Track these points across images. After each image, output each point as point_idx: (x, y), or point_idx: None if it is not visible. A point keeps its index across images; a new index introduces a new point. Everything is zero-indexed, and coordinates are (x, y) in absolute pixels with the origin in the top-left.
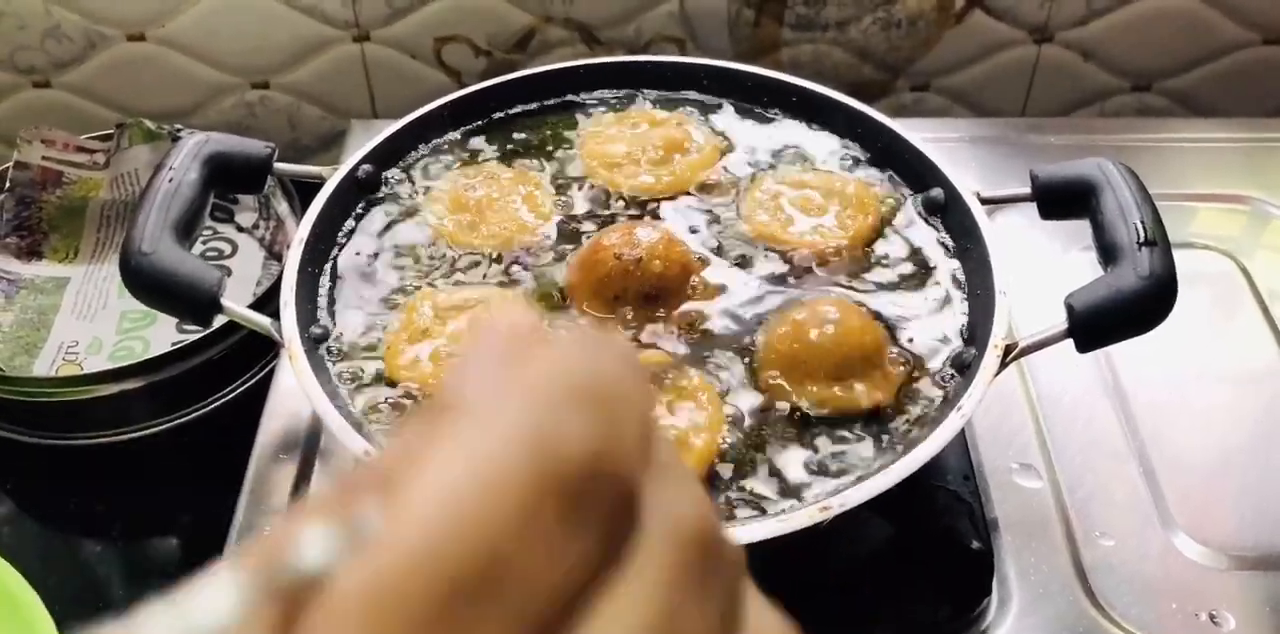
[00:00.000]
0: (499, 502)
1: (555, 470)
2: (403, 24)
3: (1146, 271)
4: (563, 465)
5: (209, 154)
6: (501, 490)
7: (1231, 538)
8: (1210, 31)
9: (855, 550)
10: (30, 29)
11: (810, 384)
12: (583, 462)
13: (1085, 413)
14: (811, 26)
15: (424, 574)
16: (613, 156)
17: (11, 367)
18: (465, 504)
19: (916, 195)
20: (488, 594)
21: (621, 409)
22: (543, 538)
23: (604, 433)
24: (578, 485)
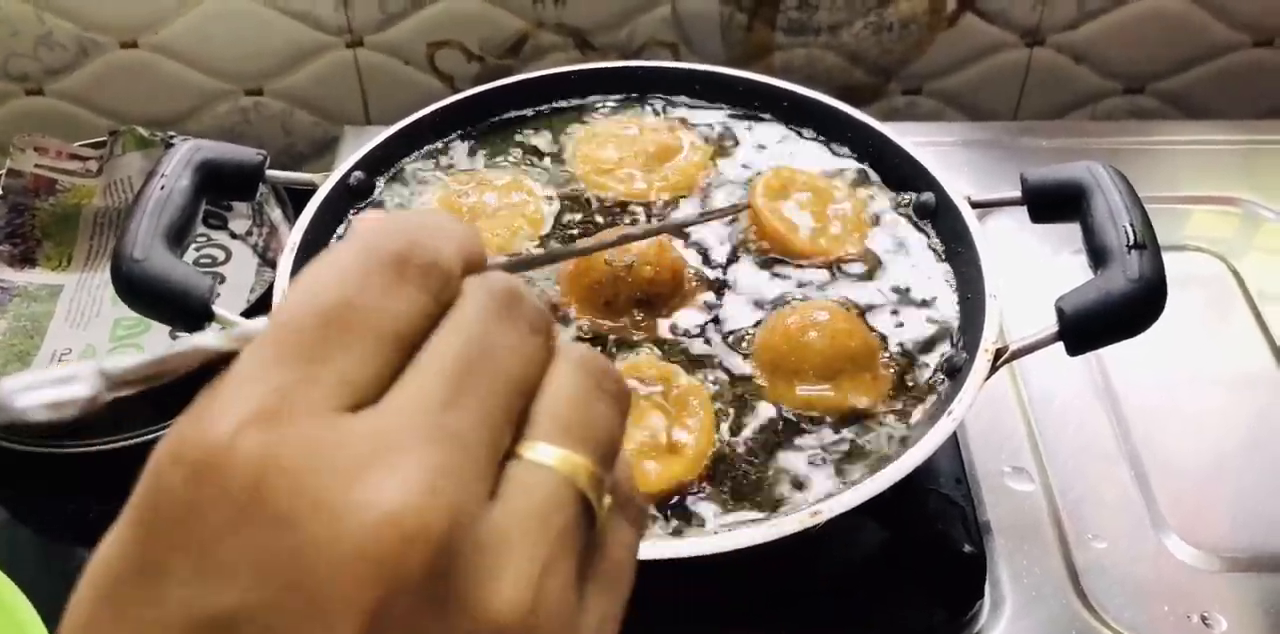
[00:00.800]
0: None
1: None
2: (396, 30)
3: (1136, 274)
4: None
5: (200, 161)
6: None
7: (1223, 540)
8: (1201, 34)
9: (848, 554)
10: (23, 36)
11: (799, 385)
12: (396, 248)
13: (1077, 416)
14: (804, 31)
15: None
16: (605, 162)
17: (5, 374)
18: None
19: (907, 199)
20: (345, 323)
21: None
22: (377, 288)
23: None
24: (394, 259)
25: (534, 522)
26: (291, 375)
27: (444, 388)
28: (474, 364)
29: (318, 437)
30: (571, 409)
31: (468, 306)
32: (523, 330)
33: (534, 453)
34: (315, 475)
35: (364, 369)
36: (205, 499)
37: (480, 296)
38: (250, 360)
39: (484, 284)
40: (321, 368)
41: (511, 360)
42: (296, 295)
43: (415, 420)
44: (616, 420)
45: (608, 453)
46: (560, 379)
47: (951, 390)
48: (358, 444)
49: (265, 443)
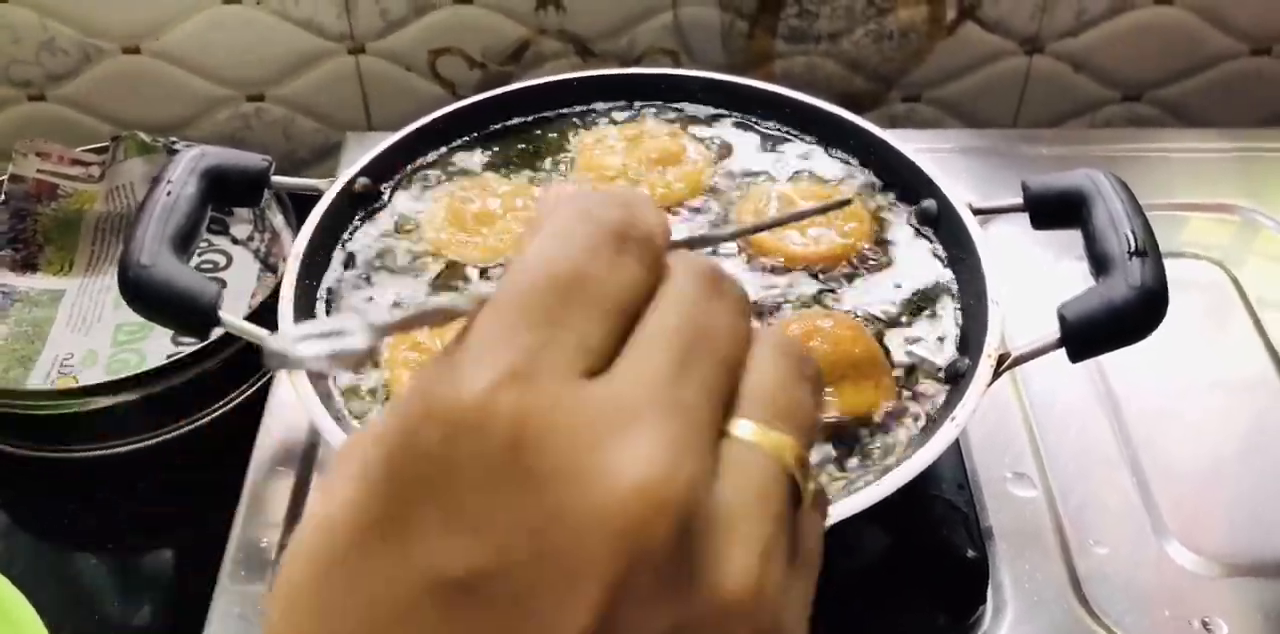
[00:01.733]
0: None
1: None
2: (397, 36)
3: (1138, 282)
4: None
5: (206, 167)
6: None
7: (1224, 545)
8: (1199, 42)
9: (849, 560)
10: (25, 42)
11: None
12: (618, 221)
13: (1078, 422)
14: (804, 38)
15: (538, 280)
16: (608, 169)
17: (6, 379)
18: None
19: (909, 205)
20: (580, 291)
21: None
22: (603, 261)
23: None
24: (617, 233)
25: (756, 502)
26: (536, 338)
27: (671, 361)
28: (694, 340)
29: (567, 400)
30: (779, 390)
31: (681, 283)
32: (731, 310)
33: (747, 432)
34: (567, 439)
35: (598, 337)
36: (462, 456)
37: (691, 274)
38: (492, 321)
39: (692, 263)
40: (562, 332)
41: (725, 338)
42: (531, 263)
43: (651, 391)
44: (816, 404)
45: (810, 436)
46: (765, 360)
47: (954, 397)
48: (602, 410)
49: (520, 403)
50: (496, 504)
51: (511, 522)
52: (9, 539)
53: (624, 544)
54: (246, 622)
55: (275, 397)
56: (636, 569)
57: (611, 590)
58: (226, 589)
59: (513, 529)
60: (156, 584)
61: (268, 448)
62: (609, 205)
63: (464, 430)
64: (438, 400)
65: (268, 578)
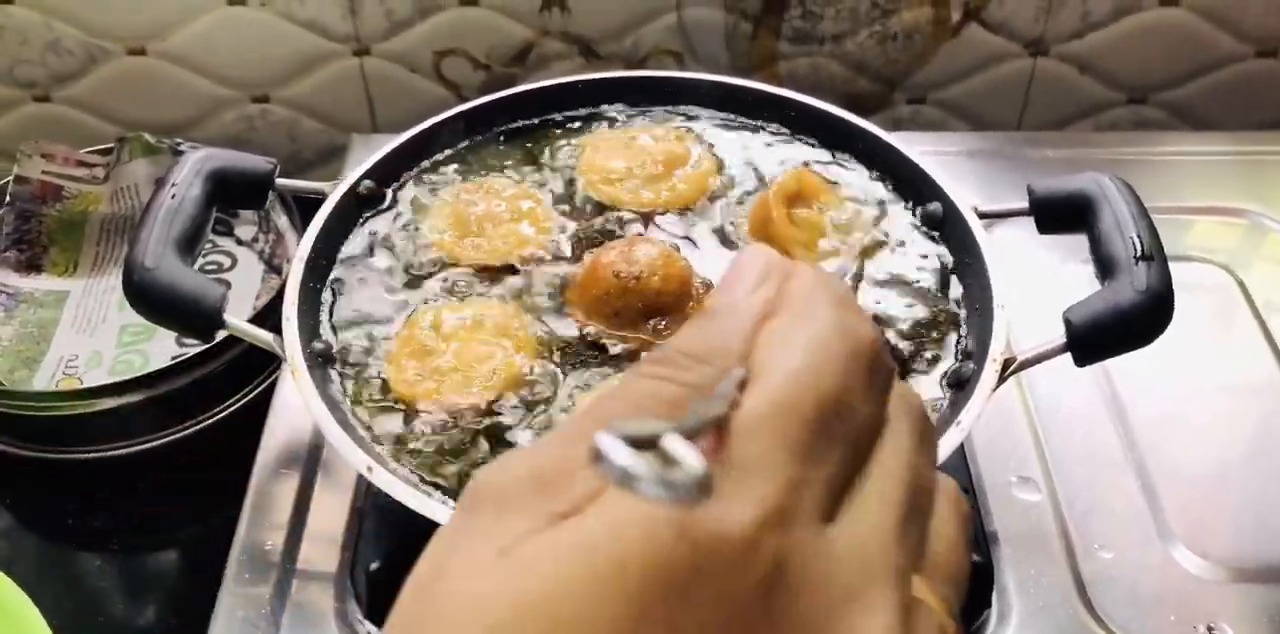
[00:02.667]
0: (834, 363)
1: (858, 348)
2: (402, 38)
3: (1144, 286)
4: (862, 345)
5: (211, 170)
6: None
7: (1230, 550)
8: (1205, 44)
9: None
10: (31, 43)
11: None
12: (873, 343)
13: (1083, 426)
14: (808, 40)
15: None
16: (613, 171)
17: (11, 380)
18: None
19: (914, 209)
20: (837, 420)
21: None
22: (859, 390)
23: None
24: (871, 358)
25: None
26: (799, 471)
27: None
28: (913, 497)
29: (816, 548)
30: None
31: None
32: (934, 460)
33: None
34: (815, 592)
35: (842, 472)
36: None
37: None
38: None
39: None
40: (818, 470)
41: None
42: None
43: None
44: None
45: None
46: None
47: (959, 401)
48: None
49: (782, 546)
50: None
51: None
52: (13, 540)
53: None
54: (250, 624)
55: (279, 398)
56: None
57: None
58: (231, 591)
59: None
60: (160, 585)
61: (272, 450)
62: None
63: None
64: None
65: (271, 580)
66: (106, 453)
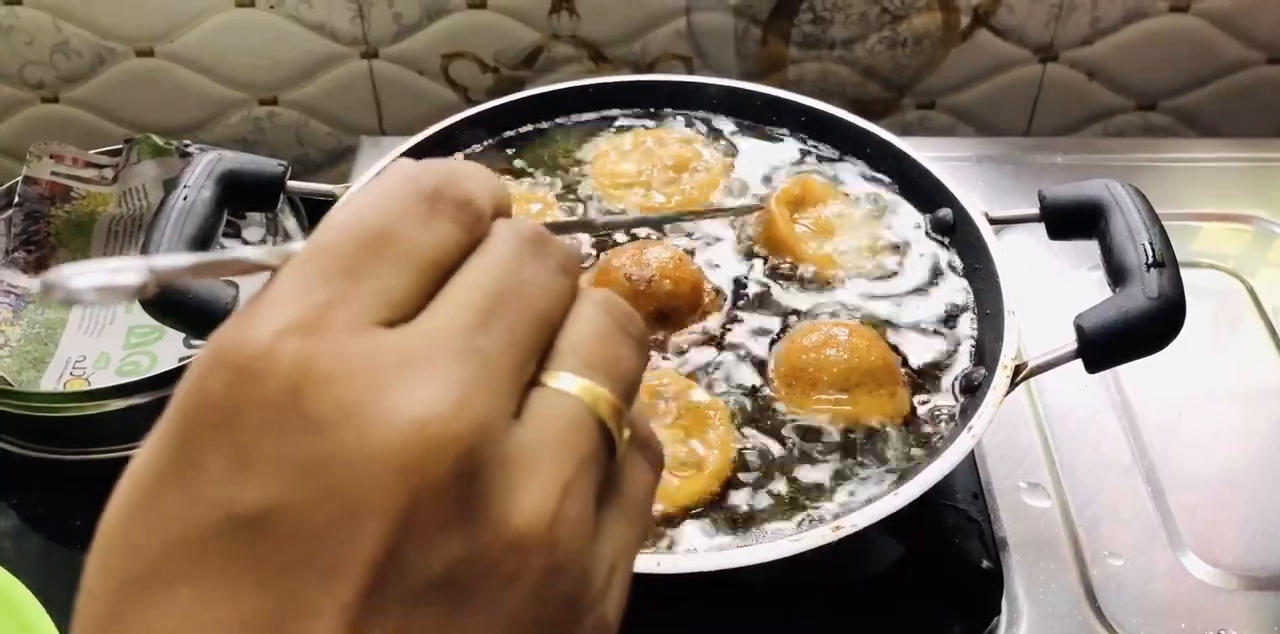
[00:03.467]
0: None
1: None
2: (410, 41)
3: (1155, 293)
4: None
5: (223, 172)
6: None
7: (1240, 558)
8: (1214, 51)
9: (864, 569)
10: (39, 44)
11: (816, 396)
12: (433, 183)
13: (1093, 432)
14: (818, 44)
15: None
16: (623, 175)
17: (19, 381)
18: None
19: (925, 215)
20: (385, 246)
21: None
22: (414, 219)
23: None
24: (431, 193)
25: (556, 443)
26: (331, 290)
27: (474, 313)
28: (503, 294)
29: (353, 347)
30: (594, 343)
31: (498, 242)
32: (550, 268)
33: (557, 381)
34: (349, 383)
35: (399, 290)
36: (244, 401)
37: (510, 235)
38: (291, 275)
39: (513, 225)
40: (359, 285)
41: (538, 294)
42: (337, 220)
43: (446, 339)
44: (637, 360)
45: (628, 388)
46: (585, 316)
47: (970, 407)
48: (391, 356)
49: (304, 350)
50: (278, 447)
51: (294, 462)
52: (20, 541)
53: (404, 480)
54: None
55: None
56: (419, 504)
57: (394, 525)
58: None
59: (294, 470)
60: None
61: None
62: (429, 170)
63: (246, 375)
64: (224, 347)
65: None
66: (114, 454)
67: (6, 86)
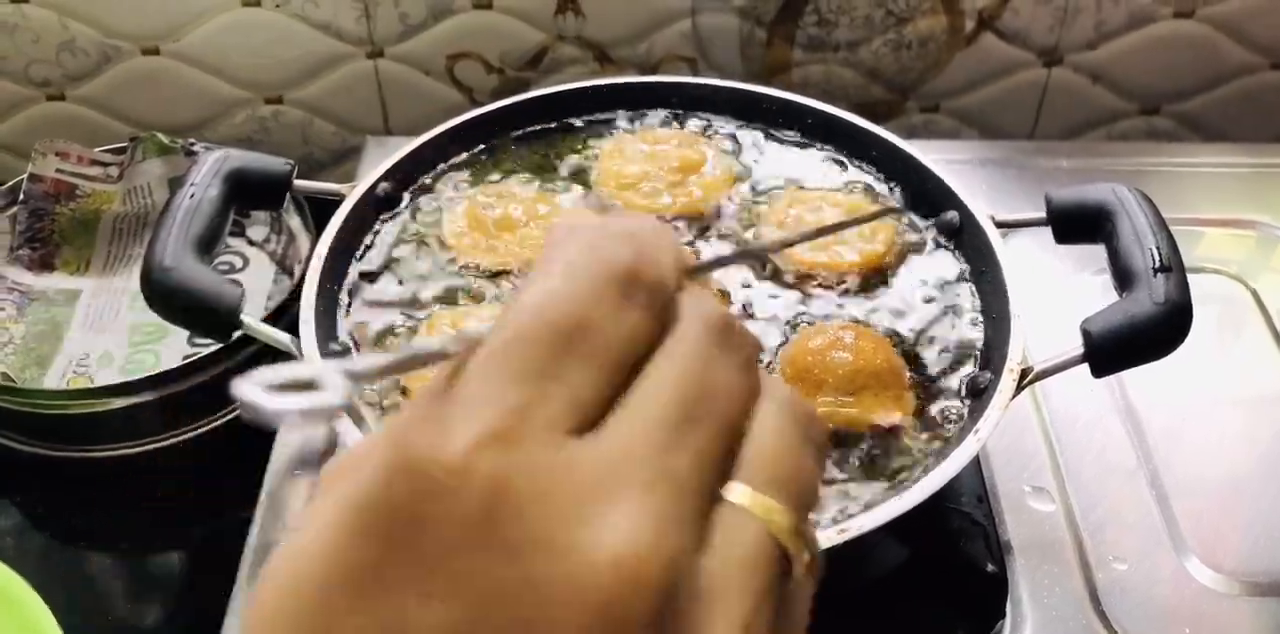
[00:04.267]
0: (575, 288)
1: (609, 269)
2: (416, 41)
3: (1162, 298)
4: (614, 265)
5: (230, 170)
6: (576, 282)
7: (1243, 563)
8: (1218, 56)
9: (867, 573)
10: (45, 42)
11: (821, 398)
12: (628, 263)
13: (1098, 435)
14: (822, 47)
15: (536, 328)
16: (628, 176)
17: (23, 379)
18: (554, 290)
19: (931, 218)
20: (579, 341)
21: (654, 244)
22: (608, 308)
23: (640, 250)
24: (627, 278)
25: (744, 573)
26: (525, 393)
27: (666, 423)
28: (694, 400)
29: (549, 464)
30: (780, 456)
31: (688, 335)
32: (738, 364)
33: (740, 498)
34: (545, 505)
35: (591, 392)
36: (437, 516)
37: (699, 325)
38: (482, 373)
39: (701, 311)
40: (553, 386)
41: (727, 397)
42: (529, 306)
43: (639, 457)
44: (818, 471)
45: (809, 504)
46: (770, 422)
47: (976, 410)
48: (586, 476)
49: (500, 465)
50: (470, 569)
51: (484, 588)
52: (23, 539)
53: (599, 617)
54: None
55: None
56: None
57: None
58: (245, 593)
59: (483, 594)
60: (170, 585)
61: (286, 450)
62: (620, 242)
63: (440, 491)
64: (416, 456)
65: None
66: (117, 452)
67: (12, 84)
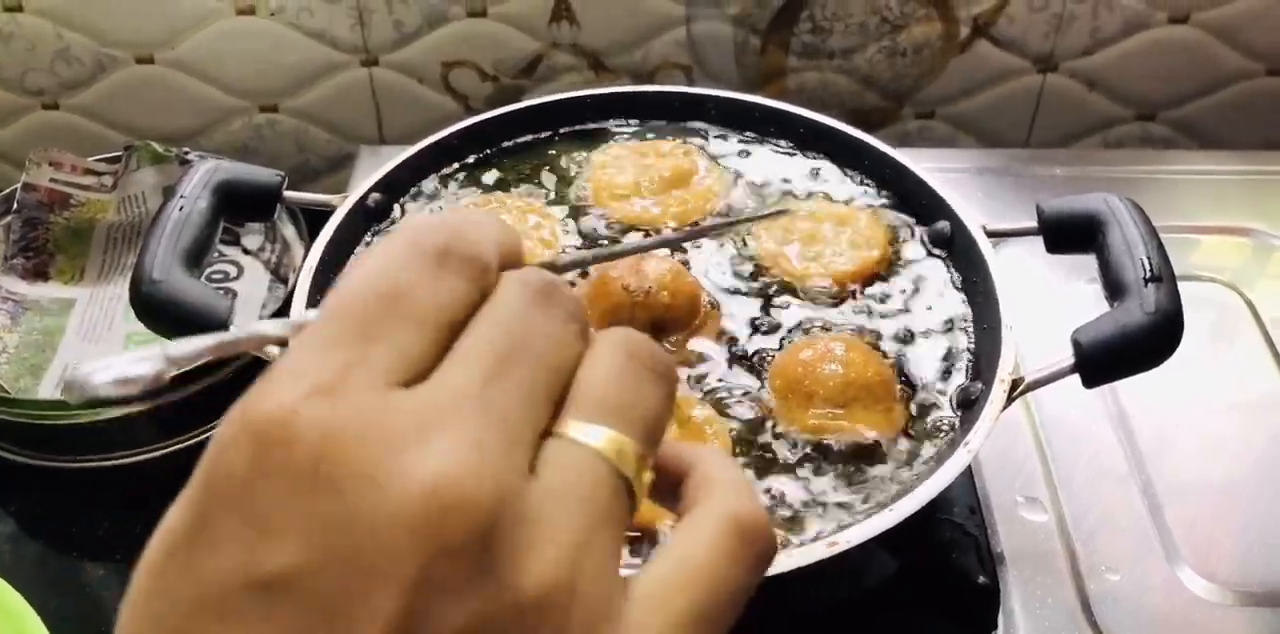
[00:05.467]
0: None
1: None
2: (410, 49)
3: (1153, 308)
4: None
5: (219, 182)
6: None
7: (1237, 574)
8: (1214, 62)
9: (858, 585)
10: (40, 51)
11: (812, 410)
12: (439, 241)
13: (1090, 445)
14: (817, 54)
15: (353, 298)
16: (620, 186)
17: (16, 388)
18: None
19: (923, 228)
20: (395, 308)
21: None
22: (422, 278)
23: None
24: (436, 251)
25: (570, 499)
26: (347, 353)
27: (485, 368)
28: (513, 347)
29: (371, 410)
30: (609, 387)
31: (505, 295)
32: (559, 317)
33: (572, 431)
34: (366, 447)
35: (414, 349)
36: (267, 468)
37: (516, 287)
38: (308, 341)
39: (520, 276)
40: (374, 347)
41: (548, 344)
42: (347, 284)
43: (459, 397)
44: (660, 397)
45: (650, 429)
46: (599, 359)
47: (967, 421)
48: (407, 418)
49: (324, 415)
50: (298, 512)
51: (313, 525)
52: (16, 549)
53: (419, 541)
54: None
55: None
56: (434, 565)
57: (411, 586)
58: None
59: (313, 534)
60: None
61: None
62: (435, 227)
63: (269, 442)
64: (247, 415)
65: None
66: (111, 462)
67: (7, 93)
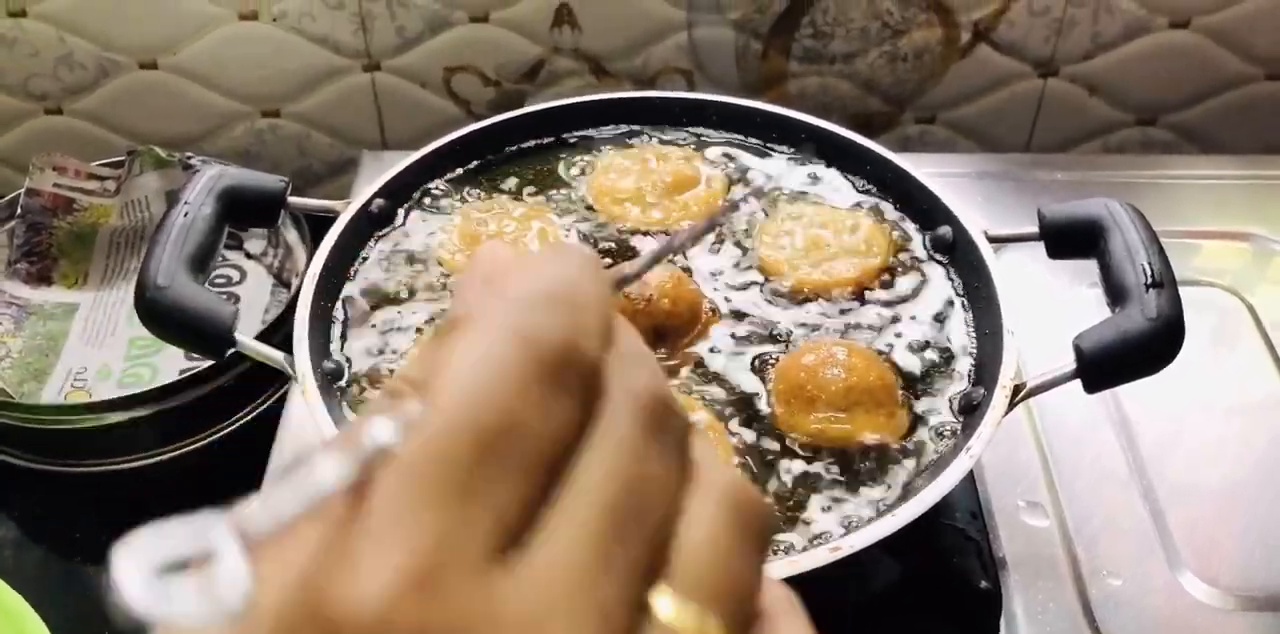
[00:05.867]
0: (502, 382)
1: (538, 356)
2: (413, 54)
3: (1154, 313)
4: (543, 351)
5: (224, 188)
6: (502, 374)
7: (1239, 578)
8: (1214, 66)
9: (861, 590)
10: (43, 56)
11: (814, 414)
12: (556, 347)
13: (1092, 450)
14: (819, 59)
15: (458, 437)
16: (622, 191)
17: (20, 393)
18: (479, 387)
19: (925, 233)
20: (505, 448)
21: (581, 305)
22: (537, 404)
23: (569, 323)
24: (556, 364)
25: None
26: (445, 519)
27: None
28: (625, 508)
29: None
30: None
31: (618, 424)
32: (671, 447)
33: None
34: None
35: (518, 506)
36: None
37: (629, 409)
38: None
39: (631, 388)
40: (476, 508)
41: (661, 495)
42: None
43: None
44: (758, 568)
45: (744, 611)
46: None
47: (968, 427)
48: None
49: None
50: None
51: None
52: (20, 553)
53: None
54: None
55: (290, 412)
56: None
57: None
58: None
59: None
60: None
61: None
62: (547, 310)
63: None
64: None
65: None
66: (115, 466)
67: (10, 98)
